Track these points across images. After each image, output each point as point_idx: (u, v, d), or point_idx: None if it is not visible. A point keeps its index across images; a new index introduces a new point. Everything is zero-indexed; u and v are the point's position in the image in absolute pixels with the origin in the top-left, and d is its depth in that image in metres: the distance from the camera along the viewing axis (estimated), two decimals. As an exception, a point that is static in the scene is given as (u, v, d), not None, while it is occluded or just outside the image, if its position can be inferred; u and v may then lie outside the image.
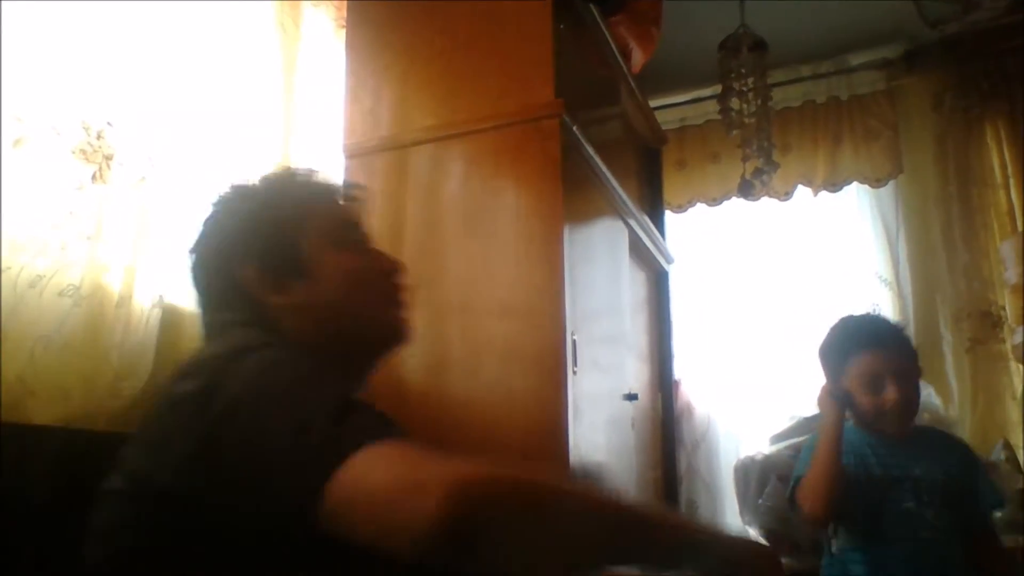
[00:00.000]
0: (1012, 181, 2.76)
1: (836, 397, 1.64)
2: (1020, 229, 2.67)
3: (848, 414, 1.67)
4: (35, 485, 1.08)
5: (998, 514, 1.90)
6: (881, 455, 1.64)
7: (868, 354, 1.64)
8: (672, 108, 3.24)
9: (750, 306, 3.11)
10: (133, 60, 1.40)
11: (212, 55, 1.60)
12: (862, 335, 1.70)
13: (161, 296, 1.40)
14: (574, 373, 1.46)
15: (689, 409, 2.88)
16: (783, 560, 2.41)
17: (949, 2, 2.70)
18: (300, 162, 1.80)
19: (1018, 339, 2.48)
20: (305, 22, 1.88)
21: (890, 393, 1.61)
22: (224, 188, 1.01)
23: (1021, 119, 2.76)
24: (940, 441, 1.74)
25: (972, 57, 2.87)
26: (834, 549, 1.65)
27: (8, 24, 1.18)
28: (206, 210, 0.99)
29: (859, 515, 1.60)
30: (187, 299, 1.50)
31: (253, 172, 1.03)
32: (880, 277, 2.94)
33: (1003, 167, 2.80)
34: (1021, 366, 2.57)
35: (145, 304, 1.36)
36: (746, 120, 2.44)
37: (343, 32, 1.86)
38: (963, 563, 1.58)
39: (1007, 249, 2.59)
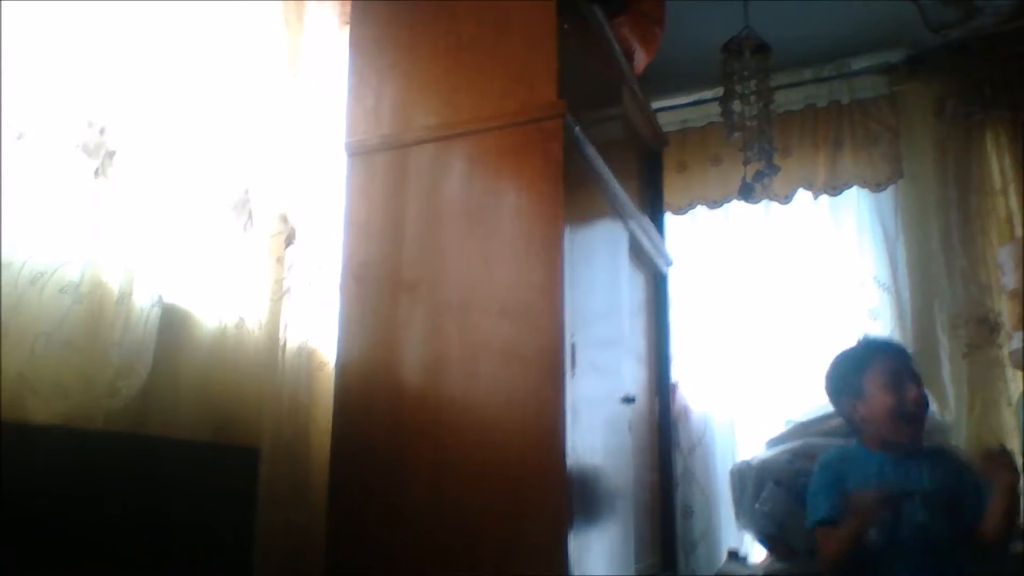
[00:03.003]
0: (1011, 188, 2.76)
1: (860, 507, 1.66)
2: (1018, 235, 2.67)
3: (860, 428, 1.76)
4: (34, 483, 1.08)
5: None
6: (894, 472, 1.68)
7: (887, 358, 1.75)
8: (674, 110, 3.24)
9: (748, 309, 3.11)
10: (136, 57, 1.40)
11: (216, 52, 1.59)
12: (875, 346, 1.83)
13: (160, 294, 1.40)
14: (572, 375, 1.47)
15: (686, 412, 2.89)
16: (779, 565, 2.41)
17: (952, 8, 2.70)
18: (301, 160, 1.80)
19: (1015, 345, 2.49)
20: (308, 19, 1.88)
21: (912, 391, 1.69)
22: None
23: (1022, 126, 2.76)
24: (939, 454, 1.78)
25: (974, 63, 2.87)
26: None
27: (10, 20, 1.18)
28: None
29: (875, 534, 1.63)
30: (186, 297, 1.50)
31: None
32: (878, 281, 2.94)
33: (1003, 173, 2.80)
34: (1018, 372, 2.57)
35: (145, 302, 1.36)
36: (748, 123, 2.44)
37: (346, 30, 1.85)
38: (970, 572, 1.62)
39: (1005, 255, 2.59)
